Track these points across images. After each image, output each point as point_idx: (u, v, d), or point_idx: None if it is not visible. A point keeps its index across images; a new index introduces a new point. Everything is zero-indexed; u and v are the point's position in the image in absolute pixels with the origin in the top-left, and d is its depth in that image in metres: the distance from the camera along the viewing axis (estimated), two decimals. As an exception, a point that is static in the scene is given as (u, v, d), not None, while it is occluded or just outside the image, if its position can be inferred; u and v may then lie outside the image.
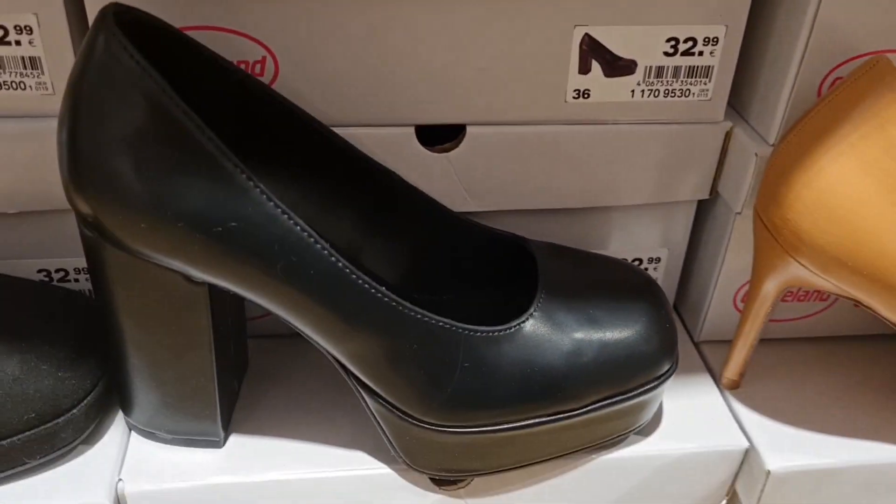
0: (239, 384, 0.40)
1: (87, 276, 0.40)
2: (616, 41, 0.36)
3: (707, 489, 0.40)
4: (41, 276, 0.40)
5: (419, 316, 0.32)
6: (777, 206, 0.34)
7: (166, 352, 0.34)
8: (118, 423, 0.38)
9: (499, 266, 0.40)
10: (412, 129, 0.38)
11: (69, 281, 0.41)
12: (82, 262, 0.40)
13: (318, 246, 0.31)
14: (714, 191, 0.41)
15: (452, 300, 0.40)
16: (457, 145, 0.38)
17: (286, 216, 0.30)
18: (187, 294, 0.33)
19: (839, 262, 0.33)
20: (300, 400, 0.40)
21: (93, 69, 0.29)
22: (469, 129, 0.38)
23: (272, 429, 0.38)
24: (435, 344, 0.33)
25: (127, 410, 0.37)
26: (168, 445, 0.37)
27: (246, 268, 0.31)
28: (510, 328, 0.34)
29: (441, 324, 0.33)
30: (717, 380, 0.42)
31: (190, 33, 0.33)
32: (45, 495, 0.35)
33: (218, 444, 0.37)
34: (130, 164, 0.30)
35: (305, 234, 0.31)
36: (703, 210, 0.43)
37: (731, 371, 0.41)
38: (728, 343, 0.43)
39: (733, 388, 0.42)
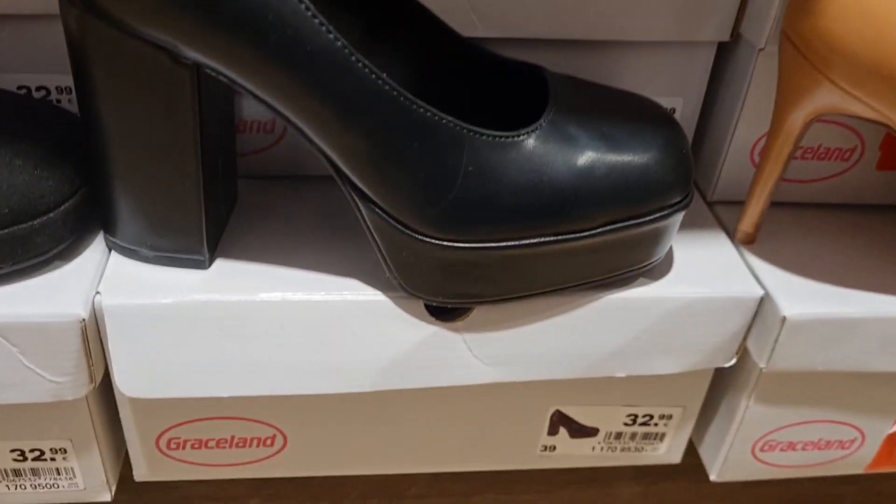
0: (227, 215, 0.38)
1: (70, 96, 0.38)
2: None
3: (717, 341, 0.38)
4: (21, 91, 0.38)
5: (422, 110, 0.30)
6: (807, 14, 0.32)
7: (148, 152, 0.32)
8: (98, 244, 0.36)
9: (504, 95, 0.37)
10: (420, -58, 0.35)
11: (52, 98, 0.38)
12: (65, 81, 0.38)
13: (317, 21, 0.28)
14: (735, 33, 0.39)
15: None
16: (466, -37, 0.36)
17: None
18: (173, 77, 0.30)
19: (873, 70, 0.31)
20: (292, 231, 0.38)
21: None
22: (480, -58, 0.36)
23: (261, 254, 0.36)
24: (438, 143, 0.31)
25: (108, 227, 0.35)
26: (150, 265, 0.35)
27: (235, 40, 0.28)
28: (518, 135, 0.32)
29: (445, 121, 0.31)
30: (731, 237, 0.40)
31: None
32: (16, 303, 0.33)
33: (203, 265, 0.35)
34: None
35: (303, 5, 0.28)
36: (722, 58, 0.41)
37: (746, 223, 0.39)
38: (742, 204, 0.41)
39: (749, 242, 0.40)
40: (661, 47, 0.39)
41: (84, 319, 0.32)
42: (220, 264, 0.35)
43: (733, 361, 0.39)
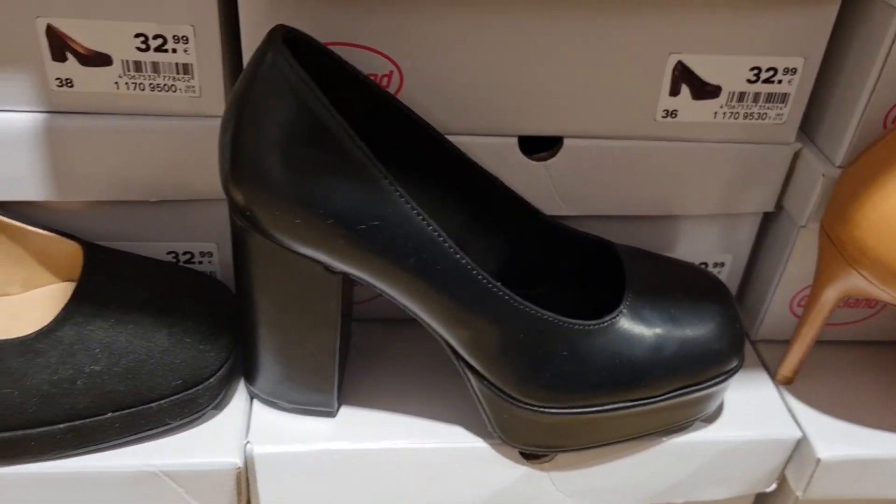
0: (345, 361, 0.45)
1: (211, 258, 0.45)
2: (705, 69, 0.40)
3: (760, 474, 0.45)
4: (169, 258, 0.45)
5: (528, 309, 0.37)
6: (844, 223, 0.39)
7: (296, 332, 0.39)
8: (241, 392, 0.43)
9: (582, 265, 0.44)
10: (515, 139, 0.42)
11: (194, 263, 0.45)
12: (207, 247, 0.44)
13: (447, 245, 0.35)
14: (779, 205, 0.46)
15: (541, 294, 0.44)
16: (553, 155, 0.42)
17: (420, 216, 0.35)
18: (324, 282, 0.37)
19: (899, 276, 0.37)
20: (400, 377, 0.44)
21: (260, 80, 0.34)
22: (566, 141, 0.42)
23: (377, 402, 0.43)
24: (540, 334, 0.37)
25: (252, 381, 0.42)
26: (287, 413, 0.42)
27: (382, 261, 0.35)
28: (604, 322, 0.38)
29: (546, 317, 0.37)
30: (772, 375, 0.47)
31: (331, 48, 0.38)
32: (183, 453, 0.39)
33: (332, 414, 0.42)
34: (288, 166, 0.34)
35: (436, 233, 0.35)
36: (768, 221, 0.47)
37: (786, 369, 0.46)
38: (782, 342, 0.47)
39: (787, 383, 0.46)
40: (715, 216, 0.46)
41: (239, 467, 0.39)
42: (344, 411, 0.42)
43: (773, 488, 0.45)
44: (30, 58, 0.38)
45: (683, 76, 0.41)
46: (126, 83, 0.39)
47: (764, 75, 0.41)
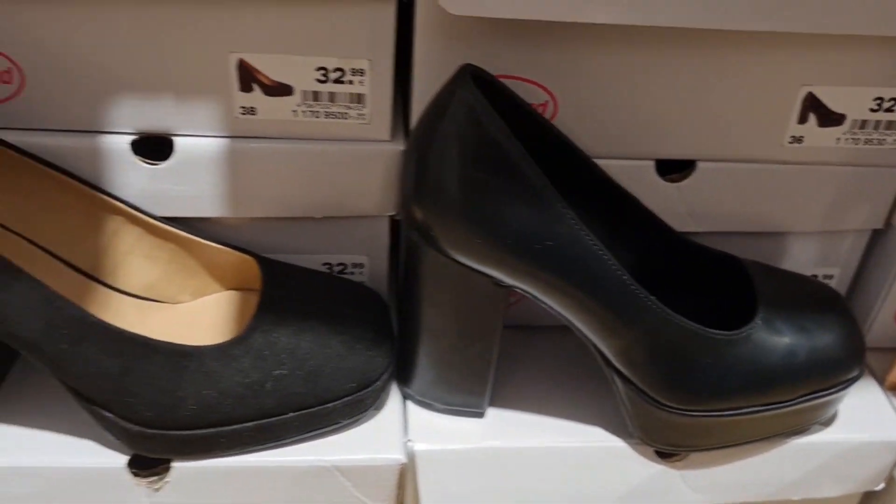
0: (489, 366, 0.48)
1: (361, 269, 0.48)
2: (832, 99, 0.44)
3: (870, 473, 0.48)
4: (324, 268, 0.48)
5: (678, 321, 0.40)
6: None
7: (459, 340, 0.42)
8: (394, 393, 0.46)
9: (701, 277, 0.47)
10: (653, 162, 0.45)
11: (346, 273, 0.49)
12: (359, 259, 0.48)
13: (610, 262, 0.38)
14: (888, 222, 0.49)
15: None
16: (686, 177, 0.46)
17: (588, 237, 0.38)
18: (492, 295, 0.40)
19: None
20: (541, 380, 0.48)
21: (449, 113, 0.37)
22: (700, 164, 0.45)
23: (522, 403, 0.46)
24: (687, 344, 0.41)
25: (407, 383, 0.45)
26: (439, 414, 0.45)
27: (552, 277, 0.39)
28: (742, 333, 0.42)
29: (694, 328, 0.41)
30: (879, 381, 0.50)
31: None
32: (351, 450, 0.43)
33: (481, 415, 0.45)
34: (471, 190, 0.37)
35: (601, 251, 0.38)
36: (877, 236, 0.51)
37: (895, 375, 0.49)
38: (886, 350, 0.51)
39: (895, 389, 0.50)
40: (826, 232, 0.49)
41: (403, 462, 0.43)
42: (491, 412, 0.46)
43: (882, 486, 0.49)
44: (219, 89, 0.42)
45: (812, 106, 0.44)
46: (303, 111, 0.42)
47: (886, 104, 0.44)
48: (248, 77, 0.41)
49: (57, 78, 0.41)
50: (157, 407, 0.39)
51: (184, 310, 0.47)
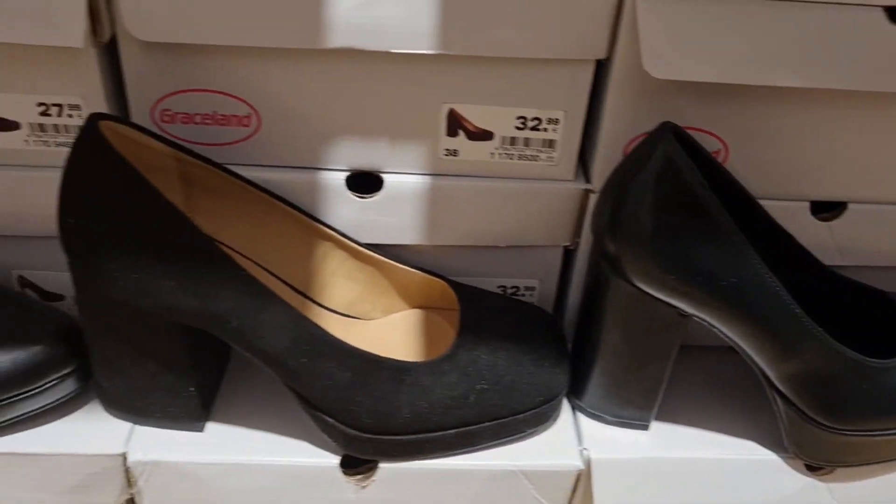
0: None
1: (532, 291, 0.54)
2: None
3: None
4: (499, 290, 0.53)
5: (841, 350, 0.45)
6: None
7: (635, 361, 0.47)
8: (564, 405, 0.51)
9: (855, 309, 0.52)
10: (808, 203, 0.50)
11: (519, 295, 0.54)
12: (531, 282, 0.53)
13: (785, 297, 0.43)
14: None
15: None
16: (838, 216, 0.50)
17: (768, 276, 0.43)
18: (673, 323, 0.45)
19: None
20: (702, 395, 0.53)
21: (652, 164, 0.42)
22: (850, 206, 0.50)
23: (683, 418, 0.51)
24: (847, 371, 0.45)
25: (580, 397, 0.50)
26: (608, 425, 0.50)
27: (733, 311, 0.43)
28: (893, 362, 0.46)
29: (855, 357, 0.45)
30: None
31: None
32: (534, 456, 0.48)
33: (646, 427, 0.50)
34: (664, 231, 0.42)
35: (778, 289, 0.43)
36: None
37: None
38: None
39: None
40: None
41: (581, 469, 0.48)
42: (654, 425, 0.51)
43: None
44: (428, 133, 0.47)
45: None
46: (500, 153, 0.48)
47: None
48: (455, 124, 0.47)
49: (288, 122, 0.47)
50: (377, 415, 0.45)
51: (375, 325, 0.52)
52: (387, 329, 0.52)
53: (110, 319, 0.44)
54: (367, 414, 0.45)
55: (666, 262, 0.43)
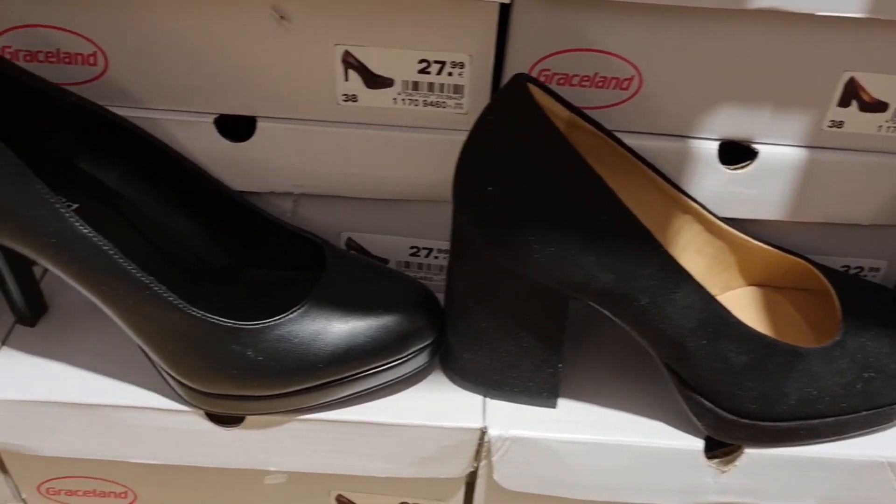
0: None
1: (876, 273, 0.51)
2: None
3: None
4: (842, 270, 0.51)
5: None
6: None
7: None
8: None
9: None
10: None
11: (863, 275, 0.51)
12: (877, 263, 0.50)
13: None
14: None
15: None
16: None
17: None
18: None
19: None
20: None
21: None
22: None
23: None
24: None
25: None
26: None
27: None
28: None
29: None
30: None
31: None
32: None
33: None
34: None
35: None
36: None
37: None
38: None
39: None
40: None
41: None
42: None
43: None
44: (819, 104, 0.44)
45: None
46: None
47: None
48: (850, 93, 0.43)
49: (669, 87, 0.44)
50: (762, 400, 0.43)
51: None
52: (730, 307, 0.50)
53: (496, 292, 0.42)
54: (751, 399, 0.43)
55: None
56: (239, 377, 0.42)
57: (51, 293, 0.50)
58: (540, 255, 0.39)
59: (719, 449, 0.46)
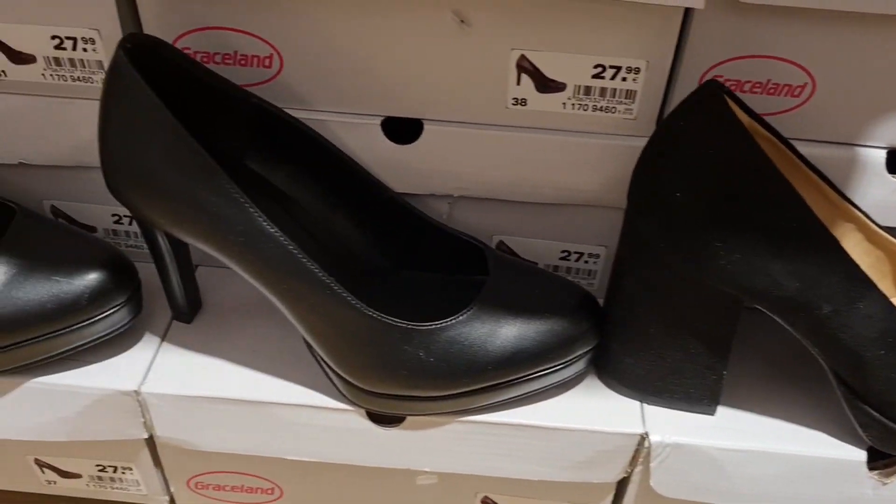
0: None
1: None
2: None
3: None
4: None
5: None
6: None
7: None
8: None
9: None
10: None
11: None
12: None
13: None
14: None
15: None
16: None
17: None
18: None
19: None
20: None
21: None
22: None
23: None
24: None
25: None
26: None
27: None
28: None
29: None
30: None
31: None
32: None
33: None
34: None
35: None
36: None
37: None
38: None
39: None
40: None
41: None
42: None
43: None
44: None
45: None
46: None
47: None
48: None
49: (841, 94, 0.43)
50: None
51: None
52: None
53: (669, 297, 0.42)
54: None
55: None
56: (408, 378, 0.42)
57: (204, 290, 0.51)
58: (726, 261, 0.39)
59: (881, 461, 0.45)
